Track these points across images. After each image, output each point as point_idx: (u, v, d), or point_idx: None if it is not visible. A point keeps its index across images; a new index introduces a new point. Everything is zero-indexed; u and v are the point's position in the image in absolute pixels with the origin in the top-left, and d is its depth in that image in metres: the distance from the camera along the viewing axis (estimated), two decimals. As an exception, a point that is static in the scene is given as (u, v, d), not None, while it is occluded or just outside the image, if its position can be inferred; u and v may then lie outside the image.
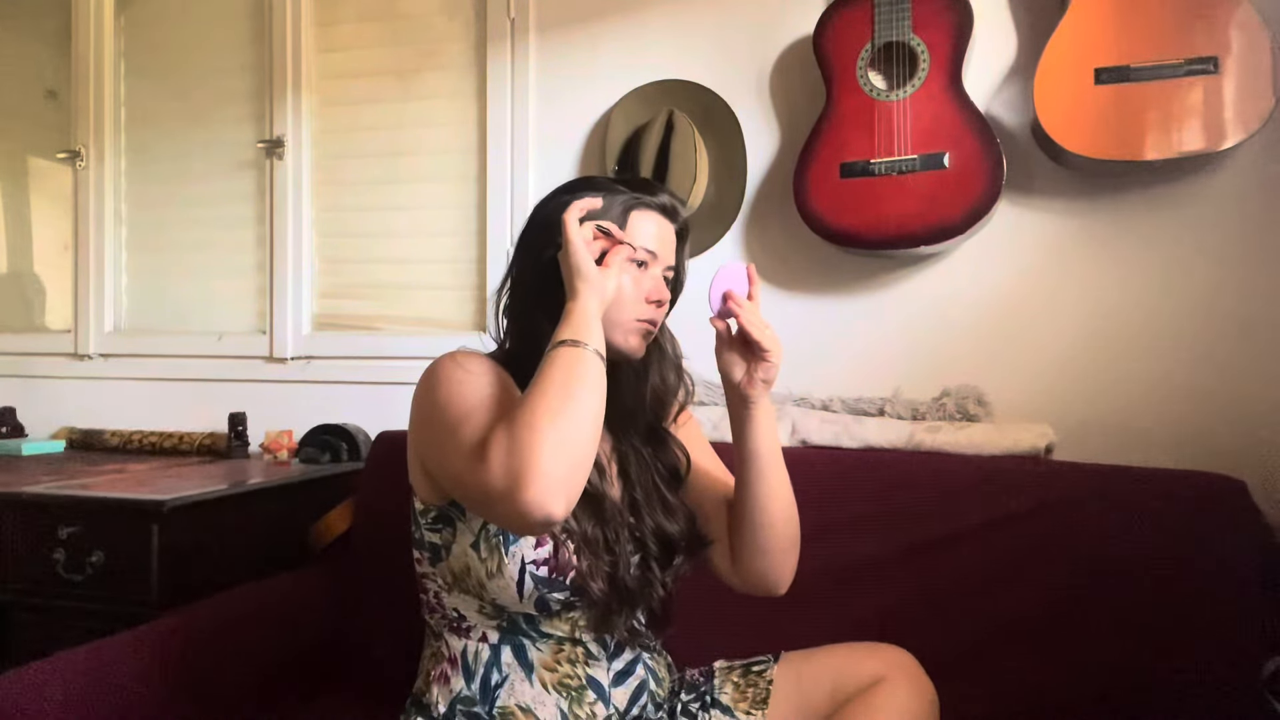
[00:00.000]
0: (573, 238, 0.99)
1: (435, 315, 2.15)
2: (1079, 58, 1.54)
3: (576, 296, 0.97)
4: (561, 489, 0.85)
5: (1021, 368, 1.70)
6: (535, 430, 0.86)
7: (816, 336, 1.80)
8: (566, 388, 0.90)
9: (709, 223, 1.85)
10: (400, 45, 2.18)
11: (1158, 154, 1.51)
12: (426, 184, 2.16)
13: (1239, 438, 1.56)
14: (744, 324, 1.04)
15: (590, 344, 0.94)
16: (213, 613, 1.41)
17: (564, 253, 1.00)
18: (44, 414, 2.38)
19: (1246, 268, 1.60)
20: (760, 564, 1.11)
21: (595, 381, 0.93)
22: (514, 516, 0.86)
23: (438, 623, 1.10)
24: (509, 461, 0.85)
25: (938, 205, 1.61)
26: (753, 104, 1.88)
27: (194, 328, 2.34)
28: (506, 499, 0.85)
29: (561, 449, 0.86)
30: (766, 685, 1.14)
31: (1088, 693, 1.30)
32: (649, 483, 1.14)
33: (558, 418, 0.87)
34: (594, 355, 0.93)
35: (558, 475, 0.85)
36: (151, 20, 2.41)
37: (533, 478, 0.84)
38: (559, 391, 0.90)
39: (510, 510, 0.85)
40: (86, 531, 1.53)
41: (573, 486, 0.88)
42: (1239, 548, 1.30)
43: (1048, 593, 1.36)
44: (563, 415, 0.88)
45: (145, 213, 2.41)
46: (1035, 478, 1.45)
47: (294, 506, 1.79)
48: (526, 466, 0.84)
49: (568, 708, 1.05)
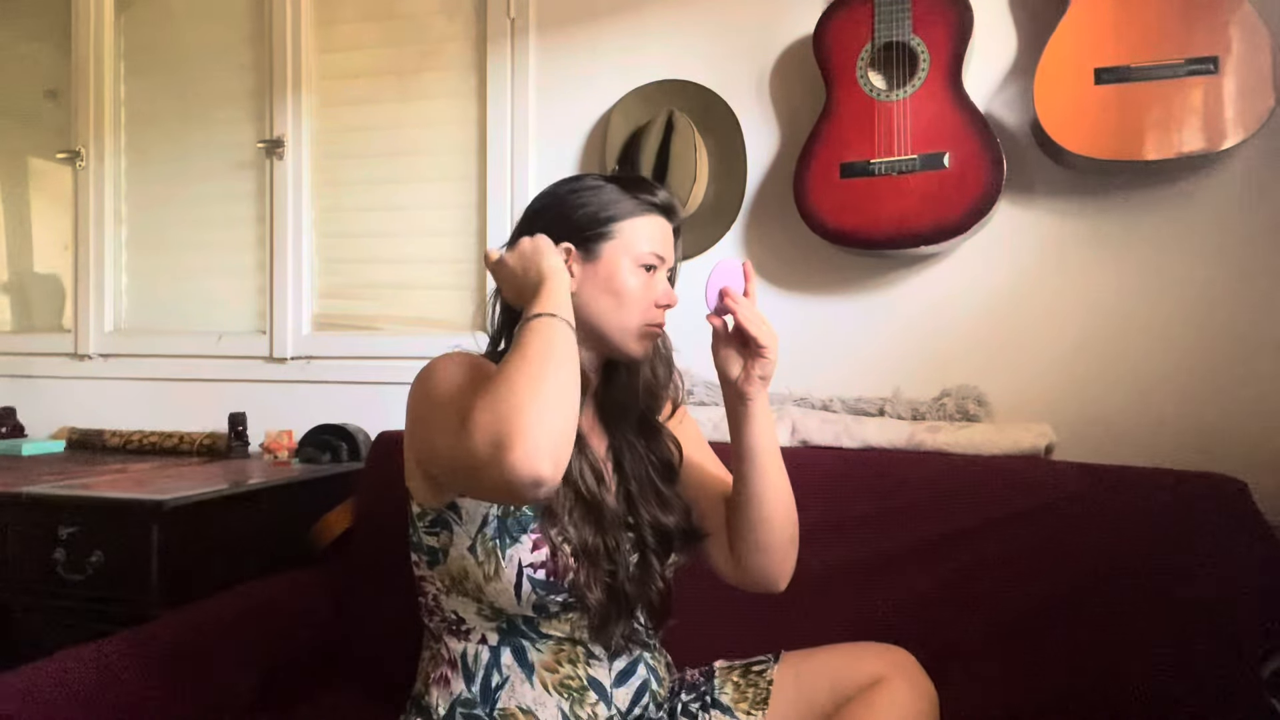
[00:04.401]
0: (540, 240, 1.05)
1: (435, 315, 2.16)
2: (1079, 58, 1.54)
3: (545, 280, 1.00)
4: (547, 449, 0.85)
5: (1021, 368, 1.70)
6: (515, 392, 0.87)
7: (816, 336, 1.80)
8: (543, 354, 0.91)
9: (709, 223, 1.85)
10: (400, 45, 2.18)
11: (1158, 154, 1.50)
12: (426, 184, 2.16)
13: (1239, 438, 1.56)
14: (740, 320, 1.03)
15: (560, 314, 0.95)
16: (213, 613, 1.41)
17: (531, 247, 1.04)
18: (44, 414, 2.38)
19: (1247, 267, 1.60)
20: (759, 561, 1.11)
21: (569, 349, 0.94)
22: (502, 482, 0.85)
23: (437, 625, 1.10)
24: (492, 426, 0.85)
25: (938, 205, 1.61)
26: (753, 104, 1.88)
27: (194, 328, 2.34)
28: (492, 464, 0.84)
29: (543, 411, 0.86)
30: (766, 685, 1.14)
31: (1087, 693, 1.29)
32: (643, 475, 1.14)
33: (537, 381, 0.88)
34: (565, 325, 0.95)
35: (541, 435, 0.85)
36: (151, 20, 2.41)
37: (516, 439, 0.84)
38: (536, 357, 0.90)
39: (498, 475, 0.85)
40: (86, 531, 1.53)
41: (559, 448, 0.87)
42: (1239, 548, 1.30)
43: (1048, 593, 1.36)
44: (541, 379, 0.88)
45: (145, 213, 2.41)
46: (1035, 478, 1.45)
47: (294, 506, 1.79)
48: (509, 429, 0.84)
49: (569, 708, 1.05)
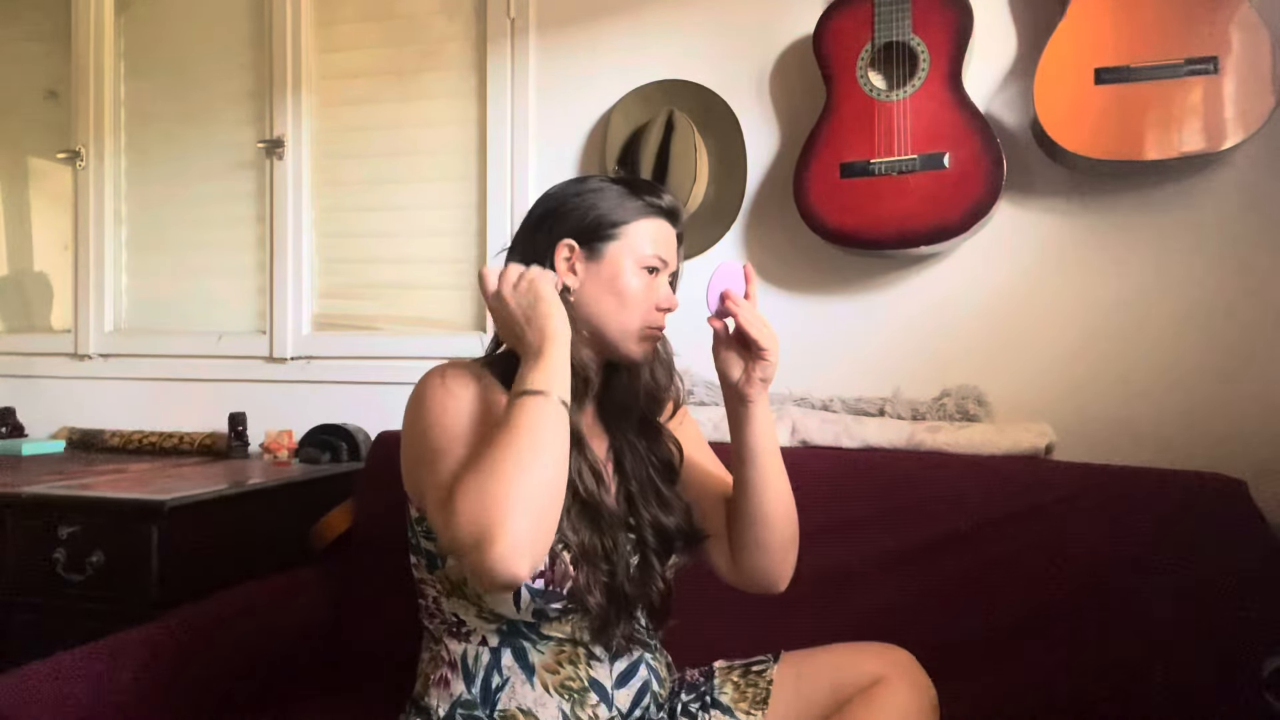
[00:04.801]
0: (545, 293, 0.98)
1: (435, 315, 2.16)
2: (1079, 58, 1.54)
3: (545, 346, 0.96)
4: (527, 548, 0.86)
5: (1021, 368, 1.70)
6: (501, 482, 0.87)
7: (816, 336, 1.80)
8: (533, 438, 0.90)
9: (709, 223, 1.85)
10: (400, 45, 2.18)
11: (1158, 154, 1.51)
12: (426, 184, 2.16)
13: (1239, 438, 1.56)
14: (741, 323, 1.03)
15: (554, 392, 0.94)
16: (213, 613, 1.41)
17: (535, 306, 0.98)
18: (44, 414, 2.38)
19: (1246, 267, 1.60)
20: (759, 562, 1.11)
21: (561, 432, 0.93)
22: (480, 572, 0.86)
23: (437, 627, 1.10)
24: (476, 517, 0.86)
25: (938, 205, 1.61)
26: (753, 104, 1.88)
27: (194, 328, 2.34)
28: (473, 554, 0.86)
29: (529, 505, 0.87)
30: (766, 685, 1.14)
31: (1087, 693, 1.30)
32: (644, 475, 1.14)
33: (524, 471, 0.88)
34: (559, 405, 0.94)
35: (523, 534, 0.85)
36: (151, 20, 2.41)
37: (499, 535, 0.84)
38: (526, 443, 0.90)
39: (477, 566, 0.86)
40: (86, 531, 1.53)
41: (539, 545, 0.88)
42: (1239, 548, 1.30)
43: (1047, 593, 1.36)
44: (529, 469, 0.88)
45: (145, 213, 2.41)
46: (1035, 478, 1.45)
47: (294, 506, 1.79)
48: (493, 524, 0.85)
49: (570, 710, 1.04)
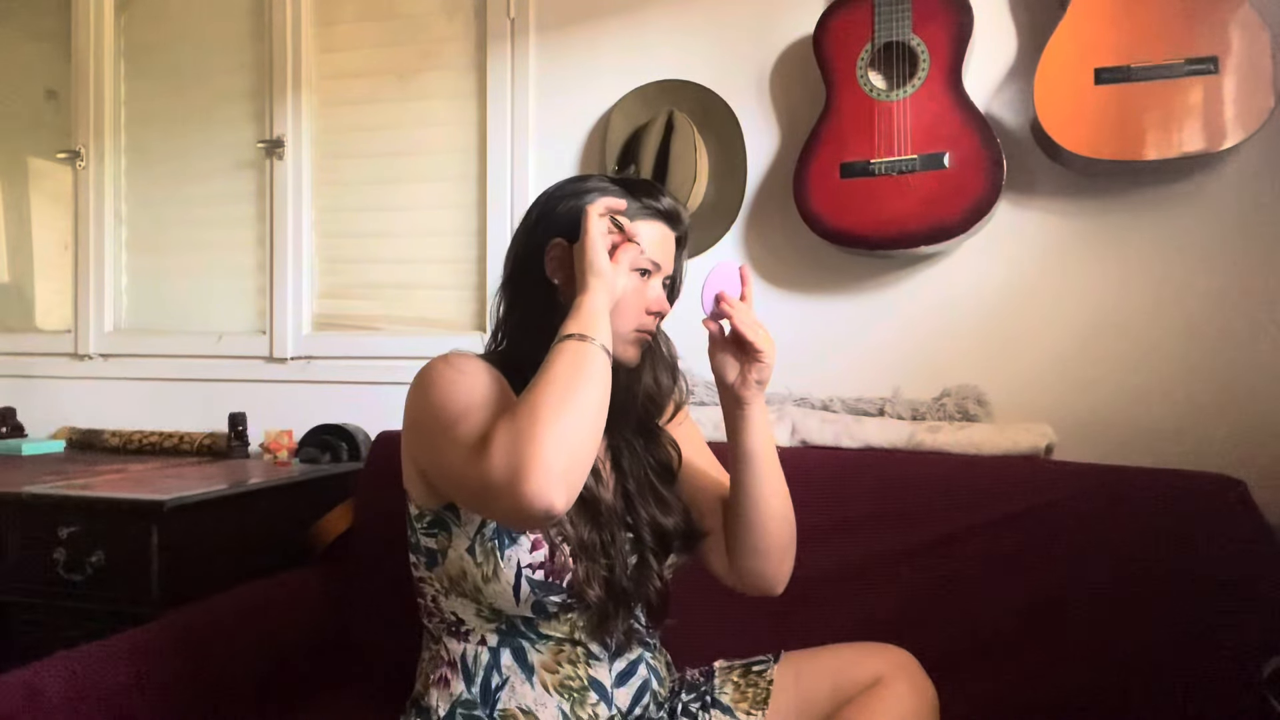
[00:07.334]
0: (593, 231, 0.98)
1: (435, 315, 2.15)
2: (1079, 57, 1.54)
3: (587, 290, 0.97)
4: (562, 481, 0.85)
5: (1021, 368, 1.70)
6: (539, 422, 0.86)
7: (816, 336, 1.80)
8: (572, 381, 0.90)
9: (709, 223, 1.85)
10: (400, 45, 2.18)
11: (1158, 154, 1.50)
12: (426, 184, 2.16)
13: (1239, 438, 1.56)
14: (737, 325, 1.03)
15: (598, 339, 0.93)
16: (212, 613, 1.41)
17: (580, 245, 0.99)
18: (44, 414, 2.38)
19: (1247, 267, 1.59)
20: (756, 564, 1.11)
21: (601, 376, 0.92)
22: (513, 510, 0.86)
23: (436, 626, 1.10)
24: (512, 452, 0.85)
25: (938, 205, 1.61)
26: (753, 104, 1.88)
27: (194, 328, 2.34)
28: (507, 491, 0.84)
29: (565, 441, 0.86)
30: (766, 685, 1.14)
31: (1087, 693, 1.30)
32: (642, 475, 1.14)
33: (562, 411, 0.87)
34: (600, 350, 0.93)
35: (559, 467, 0.85)
36: (151, 20, 2.41)
37: (534, 469, 0.83)
38: (564, 384, 0.89)
39: (510, 503, 0.85)
40: (86, 531, 1.53)
41: (574, 479, 0.87)
42: (1239, 548, 1.30)
43: (1047, 593, 1.36)
44: (567, 408, 0.88)
45: (145, 213, 2.41)
46: (1035, 478, 1.45)
47: (294, 506, 1.79)
48: (529, 458, 0.84)
49: (569, 709, 1.05)
